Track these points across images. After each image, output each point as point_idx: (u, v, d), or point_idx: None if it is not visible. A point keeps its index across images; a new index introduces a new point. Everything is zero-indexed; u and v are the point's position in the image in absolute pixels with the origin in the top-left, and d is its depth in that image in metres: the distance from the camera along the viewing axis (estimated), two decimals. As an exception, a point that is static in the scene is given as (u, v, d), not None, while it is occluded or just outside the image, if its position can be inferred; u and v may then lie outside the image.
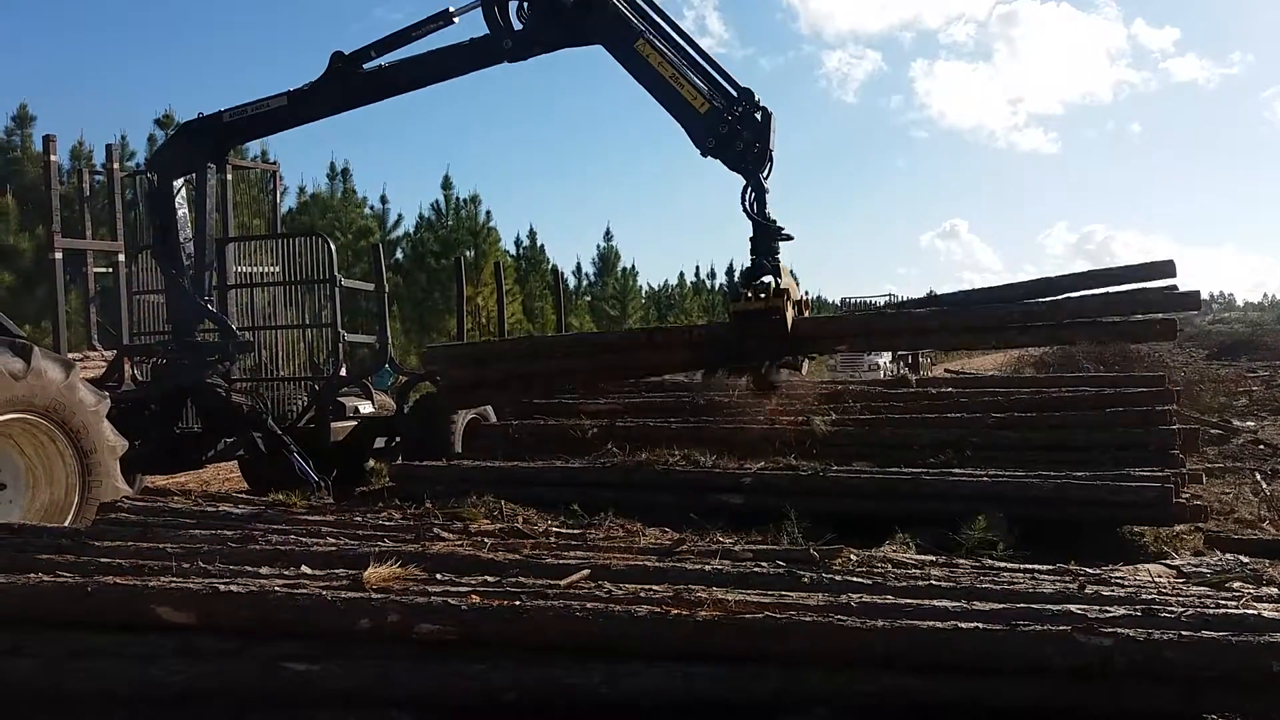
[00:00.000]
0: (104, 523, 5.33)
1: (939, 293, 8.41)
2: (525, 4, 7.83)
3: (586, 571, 3.97)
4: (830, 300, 51.31)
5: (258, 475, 10.25)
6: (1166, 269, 6.65)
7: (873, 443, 7.75)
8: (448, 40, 8.22)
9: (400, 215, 30.55)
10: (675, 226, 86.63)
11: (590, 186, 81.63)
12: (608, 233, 39.69)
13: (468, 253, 28.99)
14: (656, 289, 44.52)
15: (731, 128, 7.12)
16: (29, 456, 6.29)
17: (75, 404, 6.38)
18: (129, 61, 57.68)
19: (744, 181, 7.11)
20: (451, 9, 8.05)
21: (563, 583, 3.83)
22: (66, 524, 6.14)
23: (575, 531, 5.03)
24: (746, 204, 7.06)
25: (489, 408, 10.71)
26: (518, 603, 3.59)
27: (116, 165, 13.69)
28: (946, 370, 26.98)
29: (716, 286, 47.15)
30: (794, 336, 6.71)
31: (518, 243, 34.90)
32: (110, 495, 6.41)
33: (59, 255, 12.37)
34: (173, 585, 3.86)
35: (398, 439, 11.28)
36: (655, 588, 3.73)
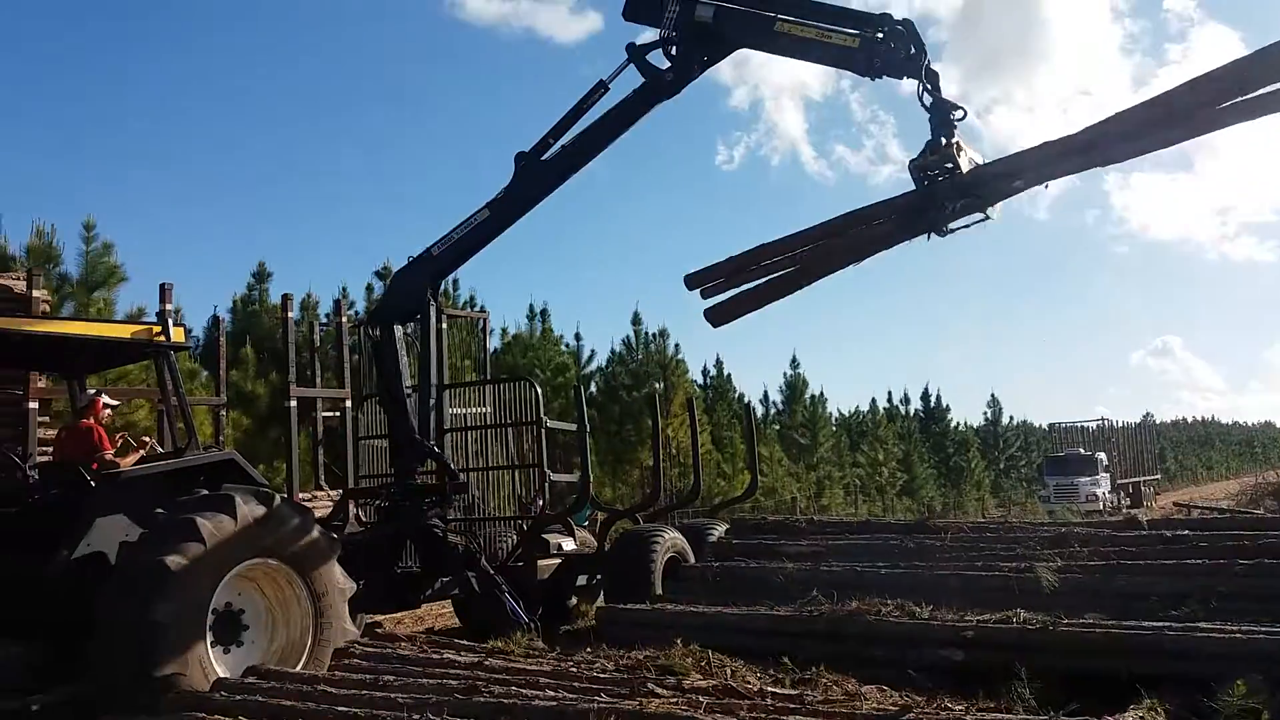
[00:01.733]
0: (339, 668, 5.60)
1: (1155, 416, 8.18)
2: (670, 44, 8.73)
3: (811, 740, 3.84)
4: (1038, 424, 48.91)
5: (470, 613, 10.55)
6: None
7: (1105, 592, 7.17)
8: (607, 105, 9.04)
9: (593, 351, 31.59)
10: (864, 352, 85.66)
11: (774, 315, 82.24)
12: (794, 360, 39.69)
13: (657, 385, 29.56)
14: (847, 415, 43.74)
15: (885, 45, 7.85)
16: (269, 599, 6.70)
17: (310, 548, 6.80)
18: (352, 218, 63.67)
19: (913, 80, 7.76)
20: (604, 78, 8.89)
21: (787, 752, 3.71)
22: (300, 666, 6.47)
23: (792, 691, 4.88)
24: (921, 95, 7.67)
25: (687, 547, 10.69)
26: (742, 773, 3.49)
27: (344, 319, 14.92)
28: (1175, 504, 24.91)
29: (911, 412, 45.84)
30: (971, 179, 7.41)
31: (705, 372, 35.28)
32: (340, 637, 6.73)
33: (294, 403, 13.51)
34: (406, 739, 4.00)
35: (599, 576, 11.40)
36: (886, 761, 3.56)
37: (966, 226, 7.61)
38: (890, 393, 45.25)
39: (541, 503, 11.85)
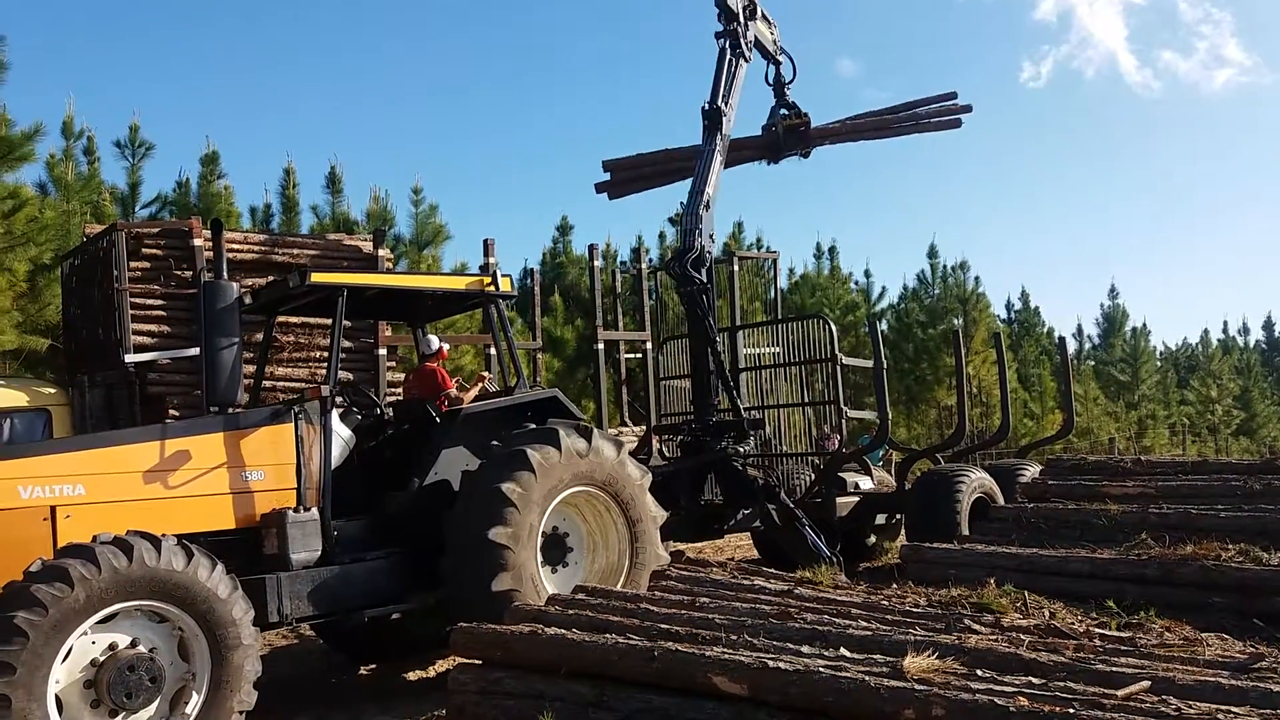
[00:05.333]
0: (657, 588, 5.96)
1: None
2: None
3: (1146, 684, 3.65)
4: None
5: (769, 546, 10.82)
6: (952, 95, 12.50)
7: None
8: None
9: (884, 288, 30.75)
10: (1194, 277, 76.84)
11: (1085, 241, 75.65)
12: (1112, 289, 36.60)
13: (956, 320, 28.29)
14: (1174, 349, 39.85)
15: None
16: (590, 524, 7.26)
17: (625, 478, 7.25)
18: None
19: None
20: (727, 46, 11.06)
21: (1120, 693, 3.55)
22: (619, 586, 6.96)
23: (1123, 635, 4.63)
24: (767, 77, 12.26)
25: (995, 487, 10.30)
26: (1070, 710, 3.39)
27: (643, 266, 15.52)
28: None
29: (1251, 344, 40.99)
30: (812, 136, 12.36)
31: (1008, 306, 33.39)
32: (653, 561, 7.17)
33: (601, 346, 14.31)
34: (726, 656, 4.21)
35: (897, 516, 11.26)
36: (1235, 709, 3.32)
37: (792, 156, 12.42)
38: (1226, 322, 40.63)
39: (837, 440, 11.84)
